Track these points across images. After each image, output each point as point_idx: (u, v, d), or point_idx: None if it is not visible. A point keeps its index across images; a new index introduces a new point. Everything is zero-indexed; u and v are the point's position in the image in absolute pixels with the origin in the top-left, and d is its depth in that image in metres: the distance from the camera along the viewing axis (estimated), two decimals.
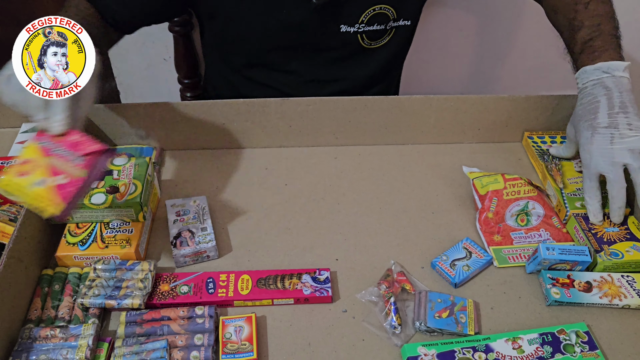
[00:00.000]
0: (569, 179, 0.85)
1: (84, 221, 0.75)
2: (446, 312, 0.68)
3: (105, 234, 0.74)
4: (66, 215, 0.63)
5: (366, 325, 0.68)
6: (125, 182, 0.76)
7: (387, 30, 0.94)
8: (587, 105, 0.77)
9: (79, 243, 0.73)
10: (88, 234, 0.74)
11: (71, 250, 0.72)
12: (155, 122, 0.91)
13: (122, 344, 0.64)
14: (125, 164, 0.79)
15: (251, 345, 0.65)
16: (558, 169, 0.86)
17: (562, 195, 0.82)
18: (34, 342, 0.64)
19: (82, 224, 0.75)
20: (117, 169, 0.78)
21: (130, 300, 0.67)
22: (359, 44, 0.95)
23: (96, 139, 0.66)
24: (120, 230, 0.75)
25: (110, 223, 0.75)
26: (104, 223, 0.75)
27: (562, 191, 0.83)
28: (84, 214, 0.74)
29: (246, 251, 0.78)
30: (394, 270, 0.74)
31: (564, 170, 0.86)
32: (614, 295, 0.70)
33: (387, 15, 0.92)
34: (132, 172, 0.78)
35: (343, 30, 0.92)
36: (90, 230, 0.74)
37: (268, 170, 0.92)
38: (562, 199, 0.81)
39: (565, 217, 0.80)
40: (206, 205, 0.80)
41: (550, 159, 0.88)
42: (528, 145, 0.94)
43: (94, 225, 0.75)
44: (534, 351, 0.64)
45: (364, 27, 0.92)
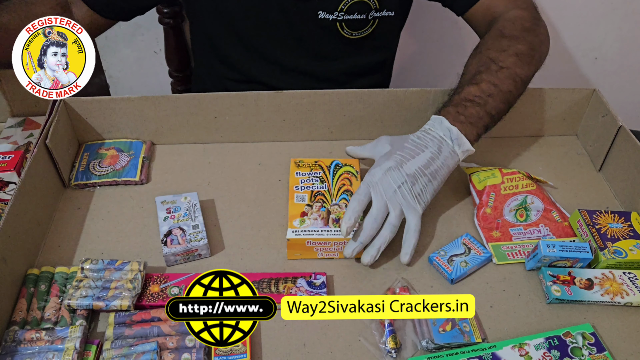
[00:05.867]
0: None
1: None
2: (449, 325, 0.66)
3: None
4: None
5: (362, 342, 0.66)
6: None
7: (369, 20, 0.92)
8: (413, 145, 0.75)
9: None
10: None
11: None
12: (146, 116, 0.89)
13: (110, 346, 0.62)
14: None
15: (244, 347, 0.63)
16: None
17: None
18: (19, 345, 0.61)
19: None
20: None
21: (119, 301, 0.65)
22: (339, 34, 0.93)
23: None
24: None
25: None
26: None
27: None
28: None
29: (239, 249, 0.76)
30: (395, 287, 0.71)
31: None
32: (615, 293, 0.69)
33: (369, 5, 0.90)
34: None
35: (321, 17, 0.90)
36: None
37: (261, 165, 0.90)
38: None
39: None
40: (197, 202, 0.78)
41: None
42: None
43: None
44: (541, 357, 0.63)
45: (344, 15, 0.90)
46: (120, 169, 0.86)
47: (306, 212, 0.75)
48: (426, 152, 0.74)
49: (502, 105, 0.80)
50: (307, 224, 0.73)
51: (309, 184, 0.79)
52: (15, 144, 0.89)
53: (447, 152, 0.75)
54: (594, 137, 0.92)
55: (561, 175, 0.89)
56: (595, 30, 1.36)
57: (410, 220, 0.72)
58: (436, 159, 0.74)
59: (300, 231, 0.72)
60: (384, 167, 0.73)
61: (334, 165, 0.82)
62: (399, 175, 0.72)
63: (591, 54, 1.42)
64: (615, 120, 0.85)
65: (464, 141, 0.75)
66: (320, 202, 0.76)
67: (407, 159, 0.74)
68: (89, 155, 0.88)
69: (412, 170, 0.73)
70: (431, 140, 0.75)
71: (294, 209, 0.75)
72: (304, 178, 0.79)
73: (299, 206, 0.75)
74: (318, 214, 0.74)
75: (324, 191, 0.77)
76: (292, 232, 0.72)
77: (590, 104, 0.93)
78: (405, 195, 0.72)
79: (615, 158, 0.86)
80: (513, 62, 0.82)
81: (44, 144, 0.78)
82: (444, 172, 0.75)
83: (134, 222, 0.80)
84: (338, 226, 0.73)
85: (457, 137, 0.75)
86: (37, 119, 0.94)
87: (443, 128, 0.76)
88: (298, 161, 0.83)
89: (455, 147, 0.75)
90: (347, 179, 0.80)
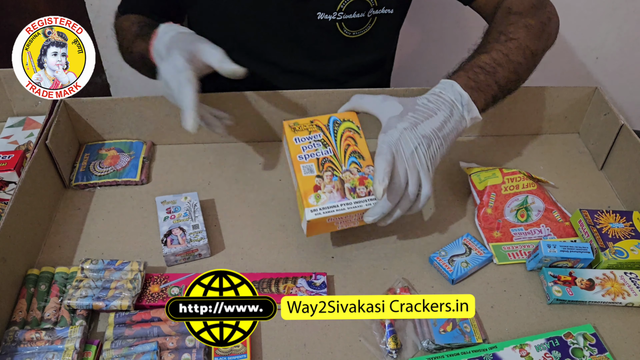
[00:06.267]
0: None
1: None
2: (449, 325, 0.66)
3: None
4: None
5: (363, 343, 0.66)
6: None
7: (367, 18, 0.92)
8: (425, 108, 0.73)
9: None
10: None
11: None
12: (146, 116, 0.89)
13: (110, 347, 0.62)
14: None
15: (244, 347, 0.63)
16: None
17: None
18: (18, 345, 0.61)
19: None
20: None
21: (119, 301, 0.65)
22: (338, 33, 0.93)
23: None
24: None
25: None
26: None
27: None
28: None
29: (239, 249, 0.76)
30: (396, 287, 0.71)
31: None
32: (617, 293, 0.69)
33: (367, 3, 0.89)
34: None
35: (320, 18, 0.90)
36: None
37: (262, 165, 0.90)
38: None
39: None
40: (197, 202, 0.78)
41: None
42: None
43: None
44: (542, 357, 0.63)
45: (343, 15, 0.90)
46: (120, 170, 0.86)
47: (319, 185, 0.69)
48: (439, 114, 0.72)
49: (511, 75, 0.78)
50: (323, 200, 0.68)
51: (312, 150, 0.72)
52: (16, 144, 0.89)
53: (458, 116, 0.73)
54: (595, 135, 0.92)
55: (563, 174, 0.89)
56: (597, 30, 1.36)
57: (424, 186, 0.70)
58: (448, 122, 0.72)
59: (319, 209, 0.67)
60: (399, 128, 0.71)
61: (333, 123, 0.75)
62: (415, 137, 0.70)
63: (592, 54, 1.41)
64: (617, 119, 0.84)
65: (473, 108, 0.74)
66: (330, 170, 0.71)
67: (421, 121, 0.71)
68: (90, 155, 0.88)
69: (426, 131, 0.70)
70: (443, 103, 0.73)
71: (305, 183, 0.69)
72: (305, 144, 0.73)
73: (310, 179, 0.70)
74: (332, 185, 0.69)
75: (330, 157, 0.72)
76: (311, 212, 0.67)
77: (592, 102, 0.93)
78: (421, 158, 0.70)
79: (617, 157, 0.86)
80: (523, 35, 0.80)
81: (44, 144, 0.78)
82: (453, 136, 0.73)
83: (134, 222, 0.80)
84: (356, 196, 0.69)
85: (468, 103, 0.73)
86: (37, 119, 0.94)
87: (454, 92, 0.74)
88: (293, 124, 0.76)
89: (465, 113, 0.73)
90: (351, 138, 0.74)
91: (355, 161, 0.72)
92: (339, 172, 0.71)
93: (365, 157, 0.72)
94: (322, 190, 0.69)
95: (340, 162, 0.72)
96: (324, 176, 0.70)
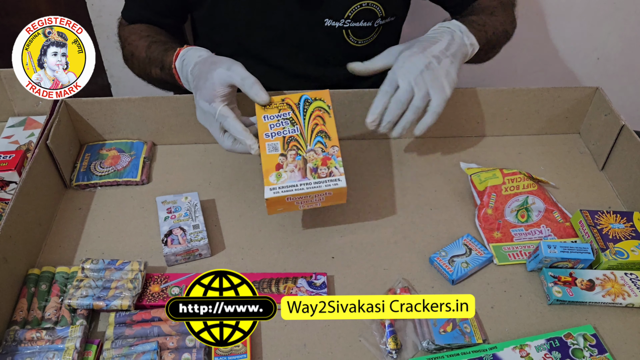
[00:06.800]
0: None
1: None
2: (449, 325, 0.66)
3: None
4: None
5: (363, 343, 0.66)
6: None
7: (374, 28, 0.93)
8: (429, 37, 0.81)
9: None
10: None
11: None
12: (147, 117, 0.89)
13: (111, 346, 0.63)
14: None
15: (245, 347, 0.63)
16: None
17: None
18: (19, 344, 0.62)
19: None
20: None
21: (119, 301, 0.65)
22: (344, 41, 0.93)
23: None
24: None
25: None
26: None
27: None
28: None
29: (239, 249, 0.76)
30: (396, 287, 0.71)
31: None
32: (617, 294, 0.69)
33: (375, 13, 0.90)
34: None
35: (327, 25, 0.90)
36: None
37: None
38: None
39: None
40: (198, 202, 0.78)
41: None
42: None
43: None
44: (542, 358, 0.62)
45: (350, 22, 0.90)
46: (121, 170, 0.86)
47: (281, 163, 0.69)
48: (443, 39, 0.79)
49: (497, 28, 0.88)
50: (284, 178, 0.68)
51: (279, 128, 0.72)
52: (17, 144, 0.89)
53: (459, 40, 0.80)
54: (596, 136, 0.92)
55: (563, 174, 0.89)
56: (598, 31, 1.36)
57: (434, 100, 0.75)
58: (452, 43, 0.79)
59: (278, 188, 0.67)
60: (407, 54, 0.77)
61: (304, 101, 0.74)
62: (425, 57, 0.76)
63: (593, 54, 1.41)
64: (618, 119, 0.84)
65: (470, 35, 0.81)
66: (294, 149, 0.70)
67: (429, 45, 0.78)
68: (90, 155, 0.88)
69: (435, 52, 0.77)
70: (444, 31, 0.81)
71: (268, 161, 0.69)
72: (273, 122, 0.72)
73: (273, 157, 0.70)
74: (294, 164, 0.69)
75: (296, 135, 0.71)
76: (270, 190, 0.67)
77: (592, 102, 0.92)
78: (432, 75, 0.75)
79: (618, 157, 0.86)
80: (499, 15, 0.91)
81: (45, 144, 0.78)
82: (460, 56, 0.80)
83: (135, 222, 0.80)
84: (317, 176, 0.69)
85: (465, 31, 0.82)
86: (38, 119, 0.94)
87: (452, 24, 0.82)
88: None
89: (465, 39, 0.81)
90: (320, 117, 0.73)
91: (320, 141, 0.72)
92: (303, 151, 0.71)
93: (331, 137, 0.72)
94: (284, 169, 0.69)
95: (305, 141, 0.71)
96: (288, 155, 0.70)
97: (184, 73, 0.78)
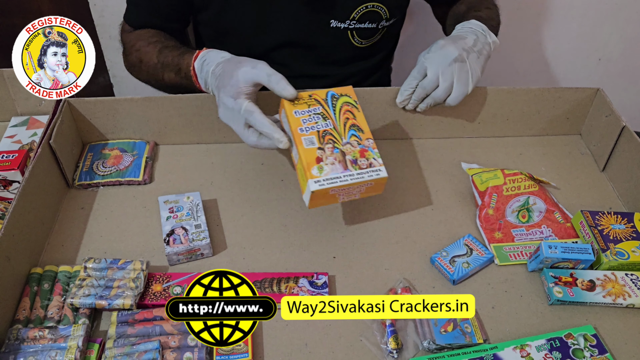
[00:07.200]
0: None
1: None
2: (450, 325, 0.66)
3: None
4: None
5: (364, 342, 0.66)
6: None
7: (378, 29, 0.94)
8: (456, 35, 0.87)
9: None
10: None
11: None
12: (149, 117, 0.89)
13: (113, 345, 0.63)
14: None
15: (246, 346, 0.63)
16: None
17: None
18: (22, 343, 0.62)
19: None
20: None
21: (122, 300, 0.65)
22: (349, 42, 0.94)
23: None
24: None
25: None
26: None
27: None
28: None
29: (241, 249, 0.76)
30: (397, 287, 0.71)
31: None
32: (617, 294, 0.69)
33: (380, 14, 0.91)
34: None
35: (333, 26, 0.91)
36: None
37: (264, 165, 0.90)
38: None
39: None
40: (200, 202, 0.79)
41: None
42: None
43: None
44: (543, 358, 0.63)
45: (355, 24, 0.91)
46: (123, 169, 0.86)
47: (320, 156, 0.69)
48: (469, 37, 0.85)
49: (496, 20, 0.93)
50: (326, 171, 0.68)
51: (313, 123, 0.72)
52: (19, 143, 0.89)
53: (483, 38, 0.86)
54: (597, 137, 0.92)
55: (564, 175, 0.89)
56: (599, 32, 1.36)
57: (455, 93, 0.82)
58: (478, 41, 0.85)
59: (323, 180, 0.68)
60: (441, 43, 0.83)
61: (331, 97, 0.75)
62: (455, 48, 0.81)
63: (595, 55, 1.41)
64: (619, 120, 0.84)
65: (490, 33, 0.88)
66: (331, 142, 0.71)
67: (459, 39, 0.84)
68: (93, 155, 0.88)
69: (466, 46, 0.83)
70: (469, 29, 0.87)
71: (307, 155, 0.69)
72: (304, 117, 0.72)
73: (311, 151, 0.70)
74: (333, 157, 0.70)
75: (330, 129, 0.72)
76: (315, 183, 0.67)
77: (593, 103, 0.93)
78: (459, 69, 0.81)
79: (619, 158, 0.86)
80: (492, 4, 0.97)
81: (48, 144, 0.78)
82: (486, 52, 0.86)
83: (137, 222, 0.80)
84: (358, 167, 0.69)
85: (486, 30, 0.88)
86: (41, 118, 0.94)
87: (474, 24, 0.88)
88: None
89: (488, 37, 0.87)
90: (349, 112, 0.74)
91: (355, 134, 0.72)
92: (339, 144, 0.71)
93: (364, 131, 0.73)
94: (324, 162, 0.69)
95: (340, 134, 0.72)
96: (325, 148, 0.70)
97: (203, 73, 0.79)
